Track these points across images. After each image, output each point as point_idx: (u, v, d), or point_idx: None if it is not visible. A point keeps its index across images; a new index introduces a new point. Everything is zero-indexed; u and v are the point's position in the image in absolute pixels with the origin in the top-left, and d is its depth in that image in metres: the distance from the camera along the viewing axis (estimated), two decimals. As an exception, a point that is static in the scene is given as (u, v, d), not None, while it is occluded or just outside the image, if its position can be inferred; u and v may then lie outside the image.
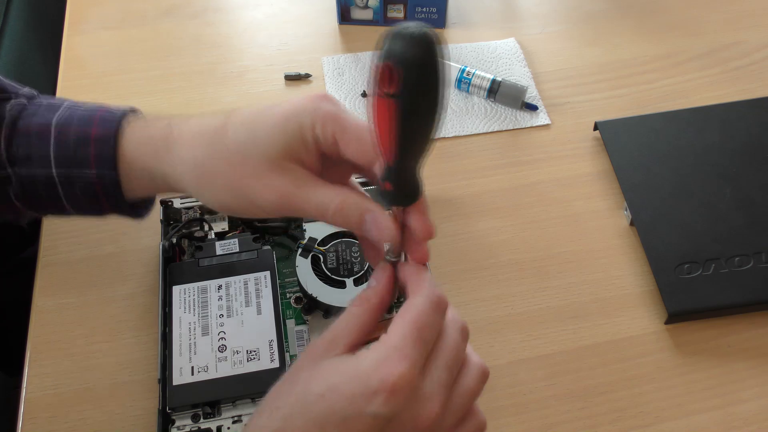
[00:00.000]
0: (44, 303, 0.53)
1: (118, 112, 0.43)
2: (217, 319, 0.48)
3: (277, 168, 0.39)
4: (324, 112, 0.39)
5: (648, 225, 0.55)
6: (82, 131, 0.43)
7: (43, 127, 0.43)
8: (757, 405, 0.48)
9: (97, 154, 0.42)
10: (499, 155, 0.62)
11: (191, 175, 0.40)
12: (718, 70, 0.69)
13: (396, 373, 0.34)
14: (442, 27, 0.73)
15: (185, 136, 0.41)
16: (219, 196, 0.40)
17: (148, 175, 0.42)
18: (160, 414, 0.45)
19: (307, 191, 0.39)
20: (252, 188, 0.39)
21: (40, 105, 0.45)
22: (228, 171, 0.39)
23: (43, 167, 0.43)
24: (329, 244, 0.52)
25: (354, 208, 0.38)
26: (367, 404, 0.34)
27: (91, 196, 0.43)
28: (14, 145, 0.43)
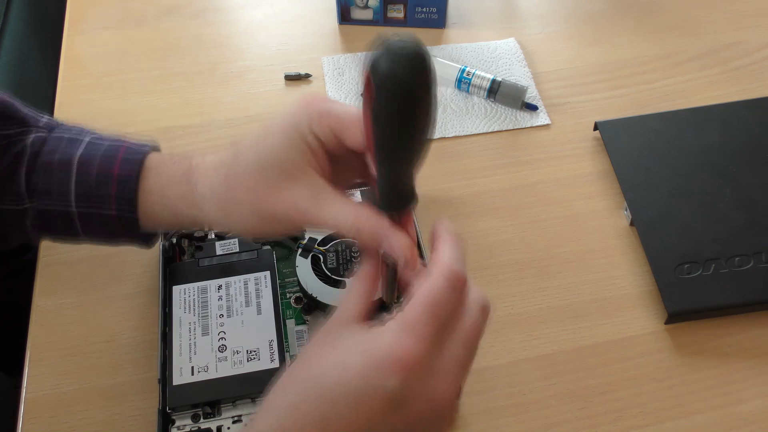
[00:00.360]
0: (44, 303, 0.53)
1: (140, 151, 0.44)
2: (217, 319, 0.48)
3: (291, 180, 0.39)
4: (316, 110, 0.39)
5: (648, 225, 0.55)
6: (103, 169, 0.44)
7: (65, 164, 0.44)
8: (757, 405, 0.48)
9: (118, 194, 0.43)
10: (499, 155, 0.62)
11: (215, 209, 0.42)
12: (718, 70, 0.69)
13: (408, 350, 0.34)
14: (442, 27, 0.73)
15: (203, 175, 0.42)
16: (243, 221, 0.41)
17: (173, 215, 0.44)
18: (160, 414, 0.45)
19: (323, 206, 0.39)
20: (271, 204, 0.40)
21: (61, 139, 0.45)
22: (245, 194, 0.40)
23: (62, 203, 0.44)
24: (329, 244, 0.52)
25: (371, 229, 0.39)
26: (380, 381, 0.34)
27: (108, 231, 0.45)
28: (34, 179, 0.44)
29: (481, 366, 0.50)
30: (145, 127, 0.63)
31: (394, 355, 0.34)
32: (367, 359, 0.35)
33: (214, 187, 0.42)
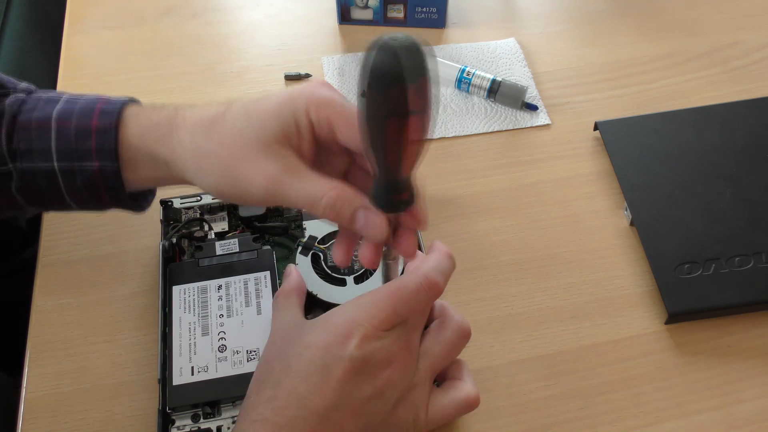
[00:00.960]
0: (44, 303, 0.53)
1: (117, 102, 0.45)
2: (217, 319, 0.48)
3: (268, 152, 0.39)
4: (319, 96, 0.39)
5: (648, 225, 0.55)
6: (82, 123, 0.43)
7: (44, 121, 0.44)
8: (757, 405, 0.48)
9: (98, 145, 0.43)
10: (499, 155, 0.62)
11: (190, 158, 0.41)
12: (718, 70, 0.69)
13: (363, 321, 0.39)
14: (442, 27, 0.73)
15: (188, 122, 0.42)
16: (213, 179, 0.41)
17: (152, 160, 0.43)
18: (160, 414, 0.45)
19: (298, 179, 0.39)
20: (242, 172, 0.39)
21: (39, 99, 0.45)
22: (222, 154, 0.40)
23: (44, 161, 0.43)
24: (329, 242, 0.52)
25: (348, 203, 0.38)
26: (341, 350, 0.38)
27: (92, 188, 0.44)
28: (15, 139, 0.43)
29: (481, 366, 0.50)
30: (145, 127, 0.63)
31: (349, 325, 0.39)
32: (327, 334, 0.39)
33: (194, 135, 0.41)
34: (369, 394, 0.39)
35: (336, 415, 0.38)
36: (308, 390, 0.38)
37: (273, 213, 0.56)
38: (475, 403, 0.43)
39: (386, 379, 0.39)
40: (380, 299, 0.40)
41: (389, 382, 0.39)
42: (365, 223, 0.38)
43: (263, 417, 0.38)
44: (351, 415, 0.38)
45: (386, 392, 0.40)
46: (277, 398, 0.38)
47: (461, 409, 0.43)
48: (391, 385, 0.40)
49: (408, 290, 0.40)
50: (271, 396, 0.39)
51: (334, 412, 0.38)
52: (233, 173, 0.40)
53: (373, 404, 0.39)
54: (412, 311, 0.41)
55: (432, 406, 0.42)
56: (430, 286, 0.40)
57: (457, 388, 0.43)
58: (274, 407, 0.38)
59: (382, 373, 0.39)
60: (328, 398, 0.38)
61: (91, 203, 0.45)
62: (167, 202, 0.55)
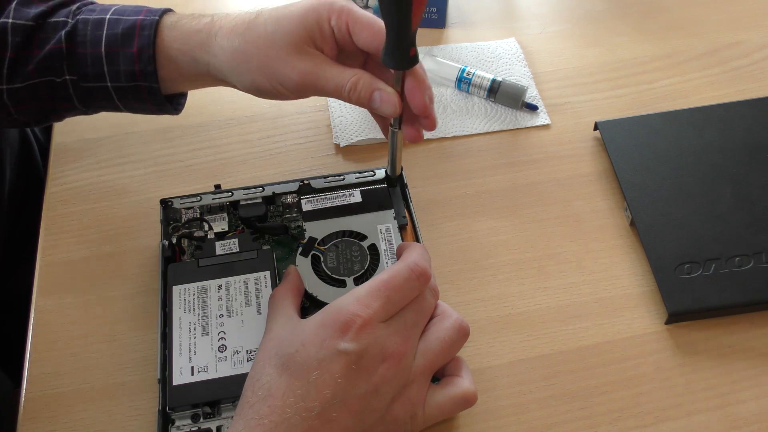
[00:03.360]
0: (44, 303, 0.53)
1: (158, 10, 0.51)
2: (217, 319, 0.48)
3: (299, 51, 0.47)
4: (338, 6, 0.47)
5: (648, 225, 0.55)
6: (128, 21, 0.50)
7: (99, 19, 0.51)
8: (757, 405, 0.48)
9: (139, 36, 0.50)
10: (499, 155, 0.62)
11: (228, 59, 0.48)
12: (718, 70, 0.69)
13: (356, 314, 0.40)
14: (442, 27, 0.73)
15: (225, 29, 0.48)
16: (252, 76, 0.48)
17: (193, 62, 0.50)
18: (160, 414, 0.45)
19: (326, 72, 0.47)
20: (278, 68, 0.47)
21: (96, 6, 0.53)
22: (259, 54, 0.47)
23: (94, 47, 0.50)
24: (329, 243, 0.52)
25: (366, 85, 0.46)
26: (335, 343, 0.39)
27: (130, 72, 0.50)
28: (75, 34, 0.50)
29: (481, 366, 0.50)
30: (145, 126, 0.63)
31: (345, 317, 0.40)
32: (322, 329, 0.40)
33: (231, 39, 0.48)
34: (365, 390, 0.39)
35: (332, 411, 0.38)
36: (304, 388, 0.38)
37: (273, 213, 0.56)
38: (473, 400, 0.43)
39: (381, 375, 0.40)
40: (373, 289, 0.41)
41: (384, 379, 0.40)
42: (381, 101, 0.46)
43: (259, 415, 0.38)
44: (348, 412, 0.39)
45: (382, 389, 0.40)
46: (273, 396, 0.39)
47: (459, 406, 0.43)
48: (386, 381, 0.40)
49: (399, 278, 0.42)
50: (267, 394, 0.39)
51: (330, 409, 0.38)
52: (269, 70, 0.47)
53: (369, 401, 0.39)
54: (406, 299, 0.42)
55: (429, 403, 0.42)
56: (420, 272, 0.43)
57: (455, 384, 0.43)
58: (270, 406, 0.38)
59: (376, 368, 0.40)
60: (324, 395, 0.38)
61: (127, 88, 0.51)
62: (167, 201, 0.55)
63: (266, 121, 0.64)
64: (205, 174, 0.60)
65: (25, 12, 0.50)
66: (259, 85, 0.48)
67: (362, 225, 0.53)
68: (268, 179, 0.59)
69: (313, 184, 0.56)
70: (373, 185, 0.56)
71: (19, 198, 0.71)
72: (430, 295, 0.44)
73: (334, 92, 0.47)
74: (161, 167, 0.61)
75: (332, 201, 0.55)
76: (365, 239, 0.52)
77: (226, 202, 0.56)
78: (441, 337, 0.43)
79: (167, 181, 0.60)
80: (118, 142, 0.63)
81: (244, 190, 0.56)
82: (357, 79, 0.46)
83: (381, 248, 0.52)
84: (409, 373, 0.41)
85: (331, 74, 0.46)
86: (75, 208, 0.58)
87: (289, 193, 0.56)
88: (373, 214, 0.54)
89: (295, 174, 0.60)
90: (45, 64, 0.50)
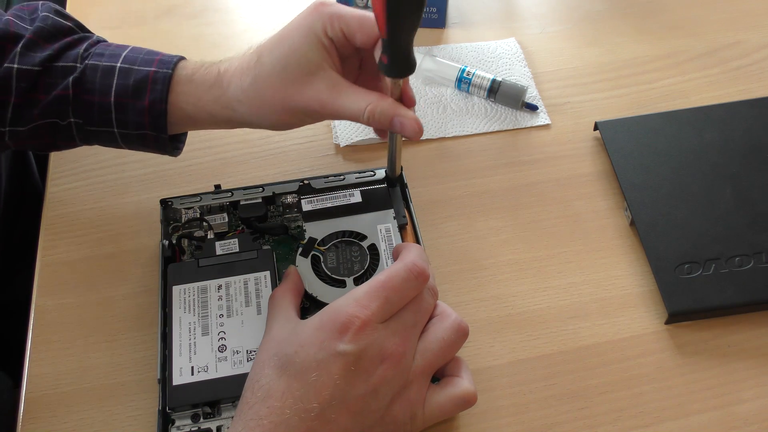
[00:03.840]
0: (44, 303, 0.53)
1: (172, 59, 0.50)
2: (217, 319, 0.48)
3: (311, 76, 0.46)
4: (328, 14, 0.46)
5: (648, 225, 0.55)
6: (142, 70, 0.49)
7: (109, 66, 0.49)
8: (757, 405, 0.48)
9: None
10: (499, 155, 0.62)
11: (247, 109, 0.48)
12: (718, 70, 0.69)
13: (354, 316, 0.40)
14: (442, 27, 0.73)
15: (235, 78, 0.48)
16: (274, 118, 0.48)
17: (210, 116, 0.49)
18: (160, 414, 0.45)
19: (341, 97, 0.46)
20: (297, 104, 0.47)
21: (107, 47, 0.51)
22: (273, 93, 0.47)
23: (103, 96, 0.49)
24: (329, 243, 0.52)
25: (385, 113, 0.46)
26: (334, 345, 0.39)
27: (139, 123, 0.49)
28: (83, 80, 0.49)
29: (481, 366, 0.50)
30: (145, 127, 0.63)
31: (343, 319, 0.40)
32: (320, 330, 0.40)
33: (244, 89, 0.47)
34: (364, 391, 0.39)
35: (331, 412, 0.38)
36: (303, 389, 0.38)
37: (273, 213, 0.56)
38: (472, 400, 0.43)
39: (380, 376, 0.40)
40: (372, 290, 0.41)
41: (383, 380, 0.40)
42: (402, 126, 0.46)
43: (258, 416, 0.38)
44: (347, 413, 0.39)
45: (381, 390, 0.40)
46: (272, 397, 0.39)
47: (458, 406, 0.43)
48: (385, 382, 0.40)
49: (398, 278, 0.42)
50: (266, 395, 0.39)
51: (329, 410, 0.38)
52: (289, 108, 0.47)
53: (368, 402, 0.39)
54: (405, 299, 0.42)
55: (429, 403, 0.42)
56: (418, 272, 0.43)
57: (455, 384, 0.43)
58: (269, 406, 0.38)
59: (375, 369, 0.40)
60: (323, 396, 0.38)
61: (135, 140, 0.50)
62: (167, 201, 0.55)
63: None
64: (205, 174, 0.60)
65: (31, 57, 0.48)
66: (283, 122, 0.49)
67: (362, 225, 0.53)
68: (268, 179, 0.59)
69: (313, 184, 0.56)
70: (373, 185, 0.56)
71: (14, 204, 0.71)
72: (429, 295, 0.44)
73: (351, 118, 0.47)
74: (161, 167, 0.61)
75: (332, 201, 0.55)
76: (365, 239, 0.52)
77: (226, 202, 0.56)
78: (440, 337, 0.43)
79: (167, 181, 0.60)
80: (118, 142, 0.63)
81: (244, 190, 0.56)
82: (372, 109, 0.46)
83: (381, 248, 0.52)
84: (409, 374, 0.41)
85: (346, 101, 0.46)
86: (75, 208, 0.58)
87: (289, 193, 0.56)
88: (373, 214, 0.54)
89: (295, 174, 0.60)
90: (50, 108, 0.49)
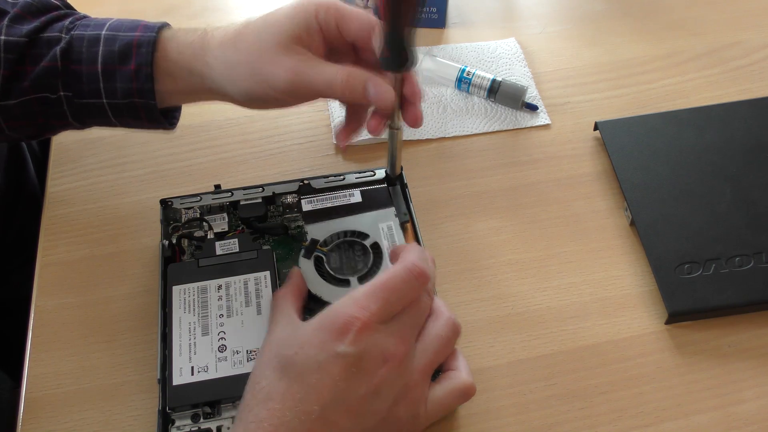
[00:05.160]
0: (44, 303, 0.53)
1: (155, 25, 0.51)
2: (217, 319, 0.48)
3: (287, 50, 0.46)
4: (326, 3, 0.47)
5: (648, 225, 0.55)
6: (127, 37, 0.50)
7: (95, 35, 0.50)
8: (757, 405, 0.48)
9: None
10: (499, 155, 0.62)
11: (222, 70, 0.48)
12: (718, 70, 0.69)
13: (354, 317, 0.39)
14: (442, 27, 0.73)
15: (217, 38, 0.48)
16: (243, 84, 0.47)
17: (189, 73, 0.49)
18: (159, 414, 0.45)
19: (315, 67, 0.46)
20: (268, 70, 0.46)
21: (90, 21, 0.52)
22: (248, 60, 0.47)
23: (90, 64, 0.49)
24: (331, 244, 0.52)
25: (358, 78, 0.45)
26: (334, 346, 0.39)
27: (127, 90, 0.49)
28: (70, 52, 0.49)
29: (481, 366, 0.50)
30: (145, 127, 0.63)
31: (344, 320, 0.39)
32: (321, 332, 0.40)
33: (224, 49, 0.48)
34: (365, 392, 0.39)
35: (332, 414, 0.38)
36: (303, 390, 0.38)
37: (273, 213, 0.56)
38: (471, 391, 0.43)
39: (382, 377, 0.40)
40: (372, 291, 0.41)
41: (385, 381, 0.40)
42: (375, 92, 0.45)
43: (259, 419, 0.38)
44: (347, 414, 0.39)
45: (383, 390, 0.40)
46: (272, 399, 0.38)
47: (458, 399, 0.44)
48: (387, 383, 0.40)
49: (398, 279, 0.42)
50: (267, 397, 0.39)
51: (330, 412, 0.38)
52: (260, 73, 0.46)
53: (370, 403, 0.39)
54: (404, 300, 0.42)
55: (430, 401, 0.42)
56: (419, 273, 0.42)
57: (453, 377, 0.43)
58: (269, 409, 0.38)
59: (377, 371, 0.39)
60: (324, 398, 0.38)
61: (124, 105, 0.50)
62: (167, 201, 0.55)
63: (266, 121, 0.64)
64: (205, 174, 0.60)
65: (17, 29, 0.49)
66: (251, 91, 0.48)
67: (363, 224, 0.53)
68: (268, 179, 0.59)
69: (313, 184, 0.56)
70: (373, 185, 0.56)
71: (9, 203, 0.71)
72: (426, 296, 0.44)
73: (325, 88, 0.46)
74: (161, 167, 0.61)
75: (332, 201, 0.55)
76: (367, 238, 0.52)
77: (226, 202, 0.56)
78: (438, 334, 0.43)
79: (167, 181, 0.60)
80: (118, 142, 0.63)
81: (244, 190, 0.56)
82: (348, 72, 0.45)
83: (383, 246, 0.52)
84: (411, 374, 0.41)
85: (320, 70, 0.45)
86: (75, 208, 0.58)
87: (289, 193, 0.56)
88: (375, 212, 0.54)
89: (295, 174, 0.60)
90: (40, 81, 0.49)
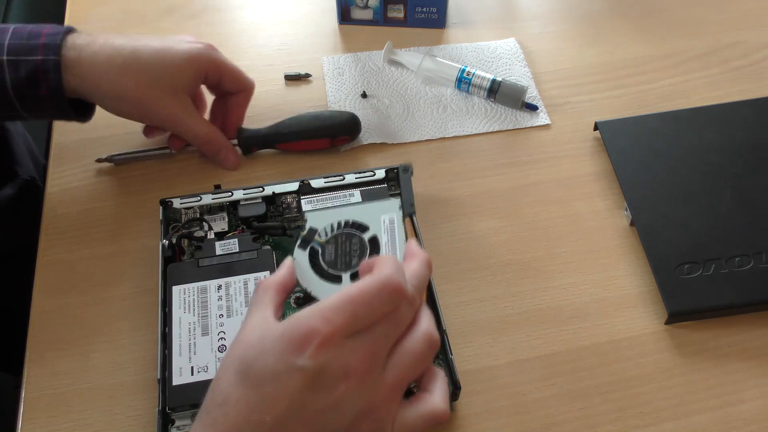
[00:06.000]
0: (44, 303, 0.53)
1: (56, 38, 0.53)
2: (216, 319, 0.48)
3: (175, 96, 0.56)
4: (215, 60, 0.57)
5: (648, 225, 0.55)
6: (34, 29, 0.53)
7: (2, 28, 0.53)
8: (757, 405, 0.48)
9: (44, 44, 0.52)
10: (499, 155, 0.62)
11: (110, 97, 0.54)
12: (718, 70, 0.69)
13: (316, 329, 0.37)
14: (442, 27, 0.73)
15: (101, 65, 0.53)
16: (128, 111, 0.56)
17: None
18: (159, 414, 0.45)
19: (190, 119, 0.57)
20: (153, 109, 0.56)
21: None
22: (138, 94, 0.54)
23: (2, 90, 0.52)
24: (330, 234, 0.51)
25: (215, 144, 0.59)
26: (294, 358, 0.36)
27: (33, 81, 0.52)
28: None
29: (481, 366, 0.50)
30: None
31: (305, 332, 0.37)
32: (282, 341, 0.37)
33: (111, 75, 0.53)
34: (322, 407, 0.37)
35: (286, 426, 0.36)
36: (258, 399, 0.37)
37: (273, 213, 0.56)
38: (443, 418, 0.40)
39: (342, 392, 0.37)
40: (340, 303, 0.38)
41: (346, 395, 0.37)
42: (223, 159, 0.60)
43: (214, 422, 0.37)
44: (303, 428, 0.37)
45: (342, 406, 0.37)
46: (227, 404, 0.37)
47: (427, 425, 0.40)
48: (348, 398, 0.37)
49: (369, 293, 0.38)
50: (223, 401, 0.37)
51: (284, 424, 0.36)
52: (145, 109, 0.56)
53: (328, 418, 0.37)
54: (374, 315, 0.38)
55: (398, 421, 0.39)
56: (393, 288, 0.38)
57: (425, 401, 0.40)
58: (224, 413, 0.37)
59: (338, 385, 0.37)
60: (278, 410, 0.36)
61: (32, 98, 0.53)
62: (167, 201, 0.55)
63: (266, 121, 0.64)
64: (205, 174, 0.60)
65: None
66: (127, 114, 0.56)
67: (365, 214, 0.51)
68: (268, 179, 0.59)
69: (313, 184, 0.56)
70: (373, 185, 0.56)
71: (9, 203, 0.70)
72: (406, 307, 0.40)
73: (190, 138, 0.58)
74: (161, 167, 0.61)
75: (332, 201, 0.55)
76: (367, 231, 0.51)
77: (226, 202, 0.56)
78: (411, 349, 0.39)
79: (167, 181, 0.60)
80: (118, 142, 0.63)
81: (244, 190, 0.56)
82: (210, 138, 0.59)
83: (382, 241, 0.51)
84: (376, 390, 0.38)
85: (193, 123, 0.57)
86: (75, 208, 0.58)
87: (289, 193, 0.56)
88: (378, 202, 0.52)
89: (295, 174, 0.60)
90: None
